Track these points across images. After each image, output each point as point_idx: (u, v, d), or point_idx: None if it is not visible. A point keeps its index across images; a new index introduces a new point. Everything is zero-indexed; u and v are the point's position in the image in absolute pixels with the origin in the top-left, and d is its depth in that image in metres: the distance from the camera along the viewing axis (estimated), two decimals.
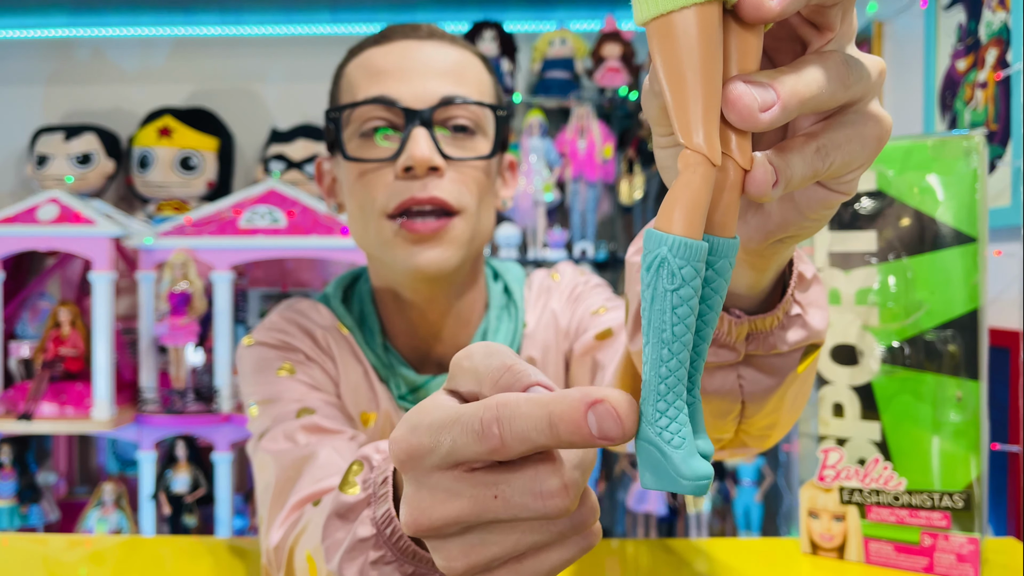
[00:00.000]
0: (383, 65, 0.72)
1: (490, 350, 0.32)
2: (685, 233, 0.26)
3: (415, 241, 0.70)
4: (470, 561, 0.31)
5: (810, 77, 0.28)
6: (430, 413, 0.31)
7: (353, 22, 2.41)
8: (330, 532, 0.46)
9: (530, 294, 0.85)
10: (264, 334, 0.78)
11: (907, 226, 0.71)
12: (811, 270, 0.45)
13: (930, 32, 1.67)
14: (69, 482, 2.27)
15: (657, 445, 0.27)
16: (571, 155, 2.22)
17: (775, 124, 0.27)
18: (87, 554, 0.82)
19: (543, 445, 0.28)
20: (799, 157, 0.29)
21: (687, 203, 0.27)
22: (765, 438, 0.51)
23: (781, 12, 0.27)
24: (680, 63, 0.26)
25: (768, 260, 0.39)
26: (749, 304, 0.42)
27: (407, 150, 0.68)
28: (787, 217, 0.35)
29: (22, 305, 2.18)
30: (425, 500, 0.31)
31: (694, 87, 0.26)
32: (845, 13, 0.30)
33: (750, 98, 0.27)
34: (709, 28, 0.26)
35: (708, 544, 0.82)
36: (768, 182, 0.29)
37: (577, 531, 0.31)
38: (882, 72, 0.31)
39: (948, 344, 0.70)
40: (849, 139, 0.31)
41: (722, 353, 0.43)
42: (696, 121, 0.26)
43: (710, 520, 2.10)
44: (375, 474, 0.44)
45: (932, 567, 0.70)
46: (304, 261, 2.20)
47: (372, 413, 0.77)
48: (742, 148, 0.28)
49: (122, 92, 2.42)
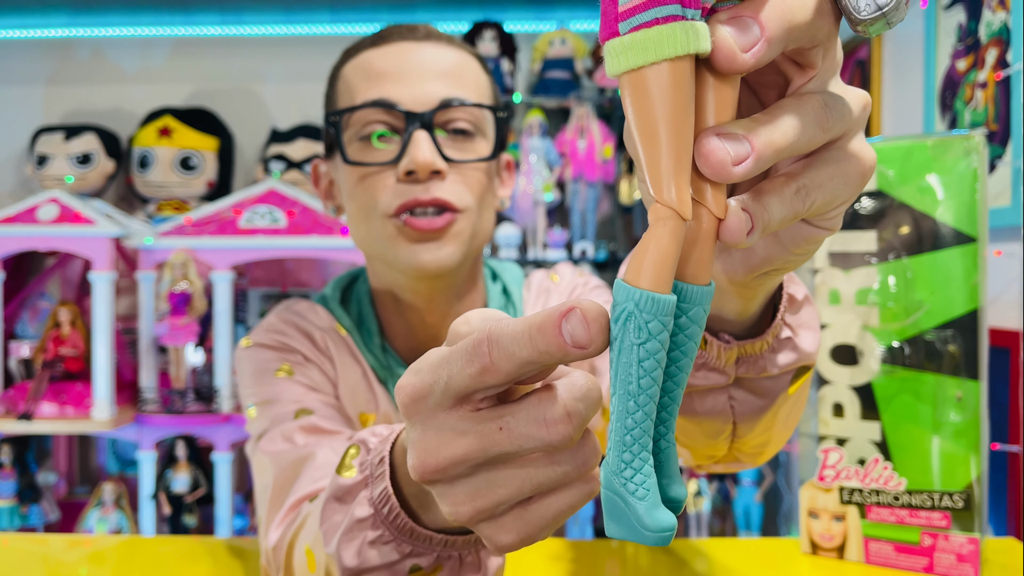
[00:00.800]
0: (381, 67, 0.72)
1: (486, 315, 0.32)
2: (653, 288, 0.26)
3: (417, 239, 0.70)
4: (477, 505, 0.31)
5: (786, 126, 0.28)
6: (430, 355, 0.32)
7: (353, 22, 2.41)
8: (328, 515, 0.46)
9: (529, 295, 0.85)
10: (262, 335, 0.77)
11: (907, 226, 0.71)
12: (802, 292, 0.45)
13: (930, 32, 1.67)
14: (69, 482, 2.27)
15: (621, 495, 0.27)
16: (571, 155, 2.22)
17: (749, 175, 0.27)
18: (87, 554, 0.82)
19: (526, 359, 0.28)
20: (777, 200, 0.29)
21: (655, 257, 0.26)
22: (758, 455, 0.52)
23: (755, 64, 0.26)
24: (652, 118, 0.26)
25: (754, 290, 0.39)
26: (739, 329, 0.42)
27: (409, 154, 0.68)
28: (771, 253, 0.35)
29: (22, 305, 2.18)
30: (431, 441, 0.31)
31: (665, 142, 0.26)
32: (827, 51, 0.29)
33: (723, 152, 0.27)
34: (681, 82, 0.25)
35: (708, 544, 0.81)
36: (742, 230, 0.28)
37: (580, 472, 0.32)
38: (866, 106, 0.31)
39: (948, 344, 0.70)
40: (831, 177, 0.30)
41: (712, 376, 0.43)
42: (667, 176, 0.26)
43: (710, 520, 2.10)
44: (372, 455, 0.44)
45: (932, 567, 0.70)
46: (304, 261, 2.20)
47: (371, 414, 0.77)
48: (716, 198, 0.28)
49: (122, 92, 2.43)
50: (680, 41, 0.25)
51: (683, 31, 0.25)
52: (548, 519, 0.32)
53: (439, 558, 0.43)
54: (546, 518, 0.32)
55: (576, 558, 0.76)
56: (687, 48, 0.25)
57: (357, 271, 0.85)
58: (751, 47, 0.26)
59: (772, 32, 0.26)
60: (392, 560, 0.43)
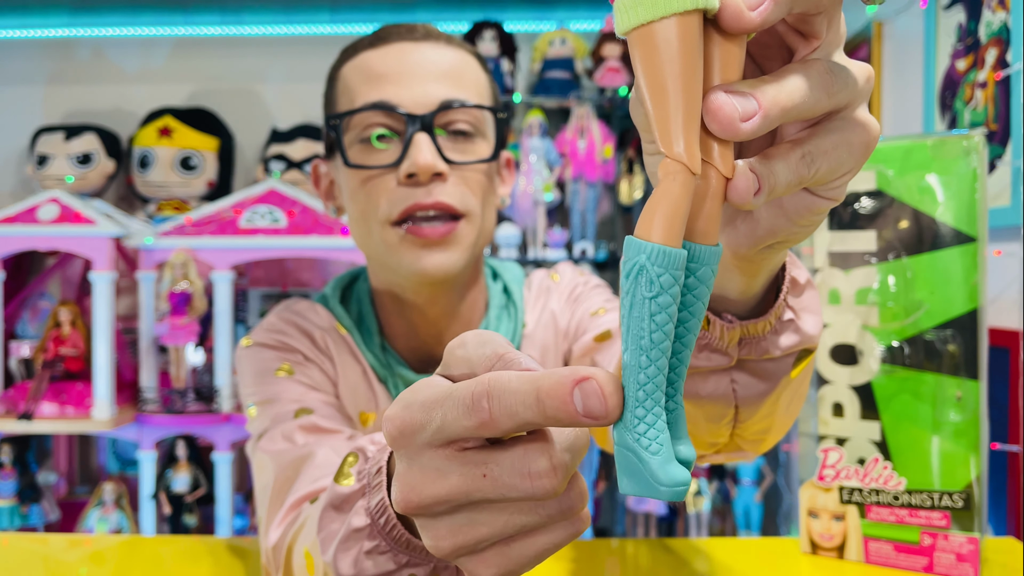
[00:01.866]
0: (381, 69, 0.72)
1: (483, 338, 0.32)
2: (664, 241, 0.27)
3: (422, 246, 0.70)
4: (457, 541, 0.31)
5: (792, 86, 0.28)
6: (423, 391, 0.31)
7: (353, 22, 2.41)
8: (325, 524, 0.46)
9: (529, 294, 0.85)
10: (262, 335, 0.78)
11: (907, 226, 0.71)
12: (804, 275, 0.45)
13: (930, 32, 1.67)
14: (69, 482, 2.28)
15: (635, 451, 0.27)
16: (571, 155, 2.22)
17: (757, 133, 0.27)
18: (87, 554, 0.82)
19: (530, 421, 0.28)
20: (783, 164, 0.29)
21: (666, 211, 0.27)
22: (760, 442, 0.51)
23: (762, 23, 0.27)
24: (660, 73, 0.26)
25: (759, 265, 0.39)
26: (742, 309, 0.42)
27: (410, 156, 0.68)
28: (776, 223, 0.35)
29: (22, 305, 2.18)
30: (416, 477, 0.31)
31: (674, 97, 0.26)
32: (831, 21, 0.30)
33: (731, 107, 0.27)
34: (689, 38, 0.26)
35: (708, 544, 0.82)
36: (750, 190, 0.29)
37: (565, 516, 0.31)
38: (869, 78, 0.31)
39: (948, 344, 0.70)
40: (836, 145, 0.31)
41: (715, 358, 0.43)
42: (676, 130, 0.27)
43: (710, 520, 2.10)
44: (370, 465, 0.43)
45: (932, 567, 0.70)
46: (304, 261, 2.20)
47: (371, 413, 0.77)
48: (724, 157, 0.28)
49: (122, 92, 2.43)
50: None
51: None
52: (530, 556, 0.32)
53: (435, 569, 0.43)
54: (528, 555, 0.32)
55: (576, 558, 0.76)
56: (695, 3, 0.26)
57: (357, 271, 0.85)
58: (758, 6, 0.27)
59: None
60: (388, 570, 0.43)
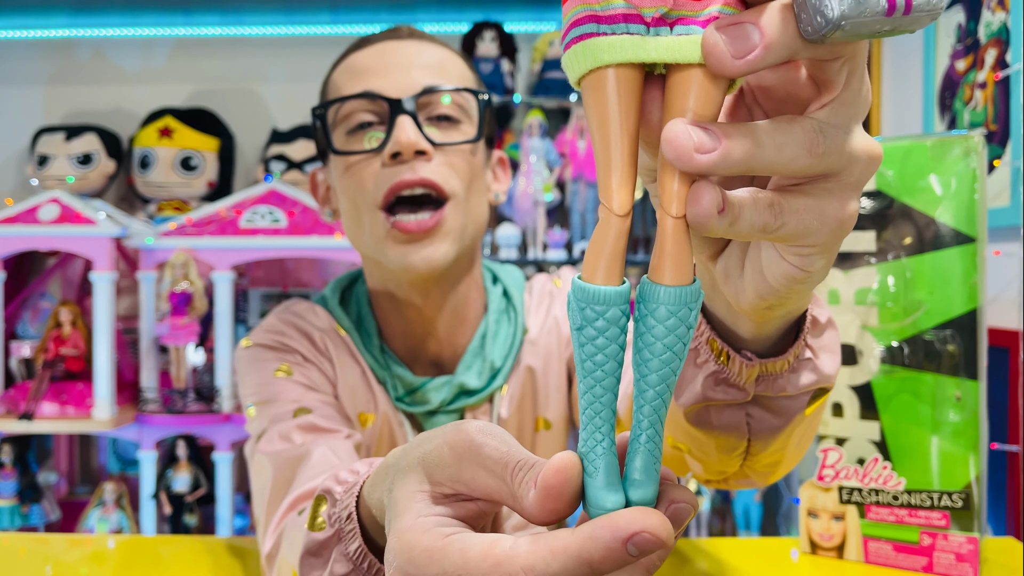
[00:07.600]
0: (366, 64, 0.74)
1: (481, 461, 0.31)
2: (586, 278, 0.28)
3: (408, 241, 0.71)
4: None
5: (764, 135, 0.27)
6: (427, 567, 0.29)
7: (353, 22, 2.41)
8: (306, 571, 0.45)
9: (530, 299, 0.85)
10: (261, 336, 0.78)
11: (906, 226, 0.71)
12: (825, 314, 0.45)
13: (929, 32, 1.67)
14: (70, 482, 2.27)
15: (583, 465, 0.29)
16: (571, 155, 2.22)
17: (714, 170, 0.26)
18: (88, 554, 0.82)
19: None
20: (752, 203, 0.28)
21: (590, 249, 0.28)
22: (769, 475, 0.52)
23: (748, 69, 0.26)
24: (592, 120, 0.28)
25: (763, 317, 0.39)
26: (759, 348, 0.43)
27: (393, 137, 0.69)
28: (760, 288, 0.35)
29: (23, 305, 2.18)
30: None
31: (599, 142, 0.27)
32: (851, 75, 0.28)
33: (686, 137, 0.26)
34: (618, 88, 0.27)
35: (708, 544, 0.82)
36: (713, 204, 0.27)
37: None
38: (872, 158, 0.30)
39: (947, 344, 0.70)
40: (807, 208, 0.29)
41: (731, 392, 0.44)
42: (603, 173, 0.28)
43: (710, 520, 2.10)
44: (338, 509, 0.43)
45: (931, 567, 0.71)
46: (304, 261, 2.20)
47: (370, 414, 0.77)
48: (678, 195, 0.28)
49: (123, 92, 2.43)
50: (594, 55, 0.27)
51: (605, 45, 0.27)
52: None
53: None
54: None
55: None
56: (625, 56, 0.27)
57: (356, 272, 0.86)
58: (746, 54, 0.26)
59: (771, 38, 0.26)
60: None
